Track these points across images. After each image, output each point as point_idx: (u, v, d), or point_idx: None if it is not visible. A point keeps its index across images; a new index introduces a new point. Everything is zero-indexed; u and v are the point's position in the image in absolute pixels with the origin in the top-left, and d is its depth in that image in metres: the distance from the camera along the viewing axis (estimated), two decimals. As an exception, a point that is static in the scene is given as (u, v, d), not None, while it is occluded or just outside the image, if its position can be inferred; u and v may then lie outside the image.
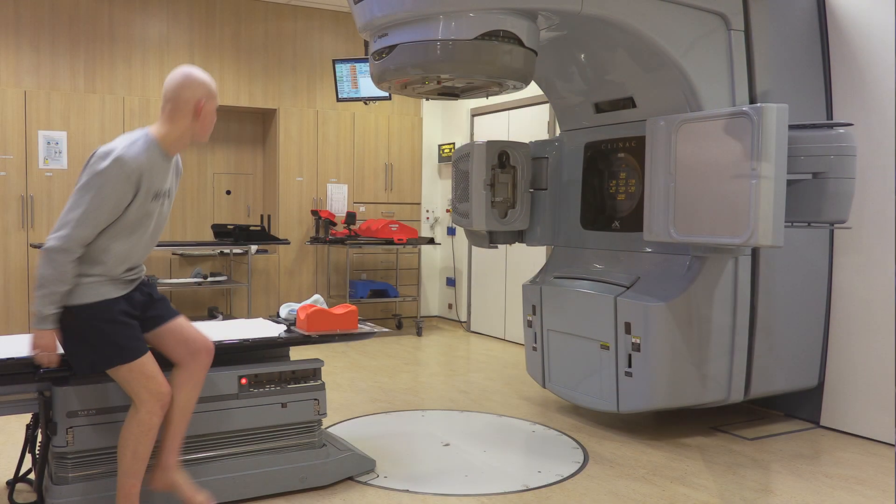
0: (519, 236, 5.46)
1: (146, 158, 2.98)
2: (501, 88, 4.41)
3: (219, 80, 7.98)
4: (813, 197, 4.02)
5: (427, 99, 4.85)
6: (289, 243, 8.23)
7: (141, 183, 2.96)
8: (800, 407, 5.04)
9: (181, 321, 3.27)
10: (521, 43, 4.05)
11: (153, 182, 3.03)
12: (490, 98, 5.85)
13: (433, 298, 9.63)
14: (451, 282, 9.30)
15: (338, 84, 8.01)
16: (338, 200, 8.73)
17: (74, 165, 7.33)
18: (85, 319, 2.99)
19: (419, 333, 8.47)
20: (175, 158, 3.21)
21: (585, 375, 4.79)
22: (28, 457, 3.58)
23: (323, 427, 3.98)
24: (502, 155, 5.18)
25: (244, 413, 3.56)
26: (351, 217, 8.21)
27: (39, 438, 3.39)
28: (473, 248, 8.56)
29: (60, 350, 3.05)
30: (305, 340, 3.80)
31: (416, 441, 4.60)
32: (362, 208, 8.89)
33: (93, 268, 2.98)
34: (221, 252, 8.30)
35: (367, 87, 7.85)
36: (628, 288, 4.59)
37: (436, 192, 9.53)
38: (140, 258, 3.15)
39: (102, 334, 3.01)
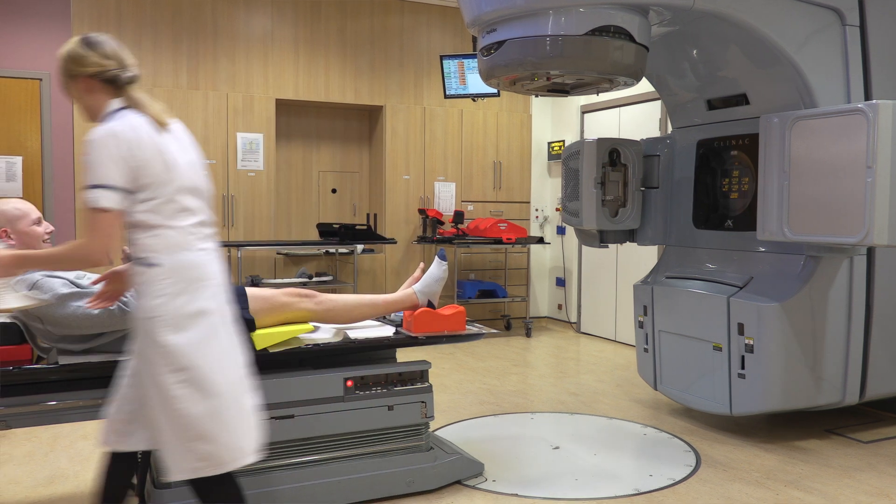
0: (630, 235, 5.55)
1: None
2: (612, 85, 4.46)
3: (324, 76, 8.37)
4: (930, 195, 4.02)
5: (536, 95, 4.87)
6: (395, 243, 8.34)
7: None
8: (917, 410, 5.08)
9: None
10: (632, 38, 4.13)
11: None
12: (600, 95, 6.00)
13: (542, 299, 9.81)
14: (560, 282, 9.46)
15: (445, 80, 8.07)
16: (445, 199, 8.90)
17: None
18: None
19: (528, 334, 8.63)
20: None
21: (698, 377, 4.91)
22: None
23: (430, 430, 4.03)
24: (613, 153, 5.28)
25: (350, 416, 3.63)
26: (459, 216, 8.40)
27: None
28: (584, 247, 8.69)
29: None
30: (412, 342, 3.77)
31: (524, 444, 4.72)
32: (470, 207, 9.05)
33: None
34: (327, 252, 8.50)
35: (476, 84, 7.90)
36: (741, 288, 4.69)
37: (545, 191, 9.70)
38: None
39: None
